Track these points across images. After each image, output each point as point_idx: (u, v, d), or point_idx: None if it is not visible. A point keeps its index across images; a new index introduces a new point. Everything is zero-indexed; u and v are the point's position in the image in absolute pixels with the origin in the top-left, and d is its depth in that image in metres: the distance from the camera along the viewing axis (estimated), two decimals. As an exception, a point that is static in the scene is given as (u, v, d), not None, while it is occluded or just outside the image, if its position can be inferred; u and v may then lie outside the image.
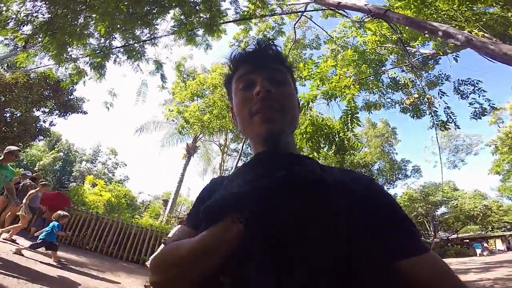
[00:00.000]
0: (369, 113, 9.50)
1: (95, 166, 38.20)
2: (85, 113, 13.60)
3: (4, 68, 7.58)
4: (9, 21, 4.21)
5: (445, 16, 5.17)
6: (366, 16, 4.74)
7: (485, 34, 4.12)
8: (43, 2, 4.26)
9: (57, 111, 12.70)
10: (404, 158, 27.46)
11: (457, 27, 4.49)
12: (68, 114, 12.97)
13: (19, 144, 11.57)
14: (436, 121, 6.82)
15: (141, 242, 8.24)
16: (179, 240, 0.57)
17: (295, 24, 7.76)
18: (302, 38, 10.07)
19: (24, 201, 5.93)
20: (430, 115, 7.10)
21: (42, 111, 12.67)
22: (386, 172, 25.50)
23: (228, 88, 0.74)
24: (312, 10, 7.22)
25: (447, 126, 6.53)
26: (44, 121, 12.92)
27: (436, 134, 7.42)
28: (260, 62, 0.65)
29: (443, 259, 0.53)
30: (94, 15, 4.59)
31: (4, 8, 4.19)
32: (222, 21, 5.05)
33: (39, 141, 23.51)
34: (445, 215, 29.86)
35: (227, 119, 11.90)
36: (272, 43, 0.68)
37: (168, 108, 13.95)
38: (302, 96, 5.96)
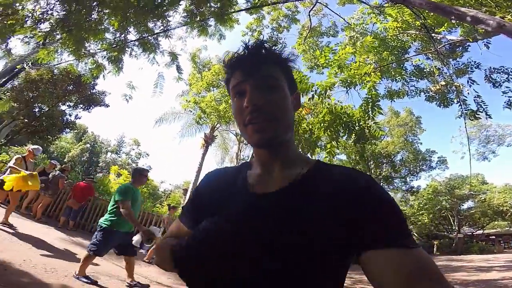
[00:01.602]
0: (391, 101, 9.08)
1: (119, 157, 39.77)
2: (107, 106, 14.04)
3: (29, 66, 7.94)
4: (26, 19, 4.35)
5: (473, 1, 4.70)
6: (386, 1, 4.39)
7: (519, 19, 3.71)
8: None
9: (81, 105, 13.20)
10: (429, 149, 26.13)
11: (488, 12, 4.06)
12: (91, 107, 13.46)
13: (48, 137, 12.21)
14: (465, 110, 6.44)
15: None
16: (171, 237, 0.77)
17: (309, 12, 7.40)
18: (318, 25, 9.64)
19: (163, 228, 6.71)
20: (459, 104, 6.70)
21: (67, 105, 13.22)
22: (410, 163, 24.41)
23: (227, 89, 0.76)
24: (330, -5, 6.84)
25: (477, 116, 6.13)
26: (70, 115, 13.48)
27: (465, 123, 6.98)
28: (249, 69, 0.66)
29: (467, 255, 0.44)
30: (106, 10, 4.62)
31: (20, 7, 4.32)
32: (232, 10, 4.91)
33: (66, 133, 24.76)
34: (471, 210, 28.36)
35: (243, 108, 11.79)
36: (261, 44, 0.68)
37: (185, 99, 14.13)
38: (319, 84, 5.75)
